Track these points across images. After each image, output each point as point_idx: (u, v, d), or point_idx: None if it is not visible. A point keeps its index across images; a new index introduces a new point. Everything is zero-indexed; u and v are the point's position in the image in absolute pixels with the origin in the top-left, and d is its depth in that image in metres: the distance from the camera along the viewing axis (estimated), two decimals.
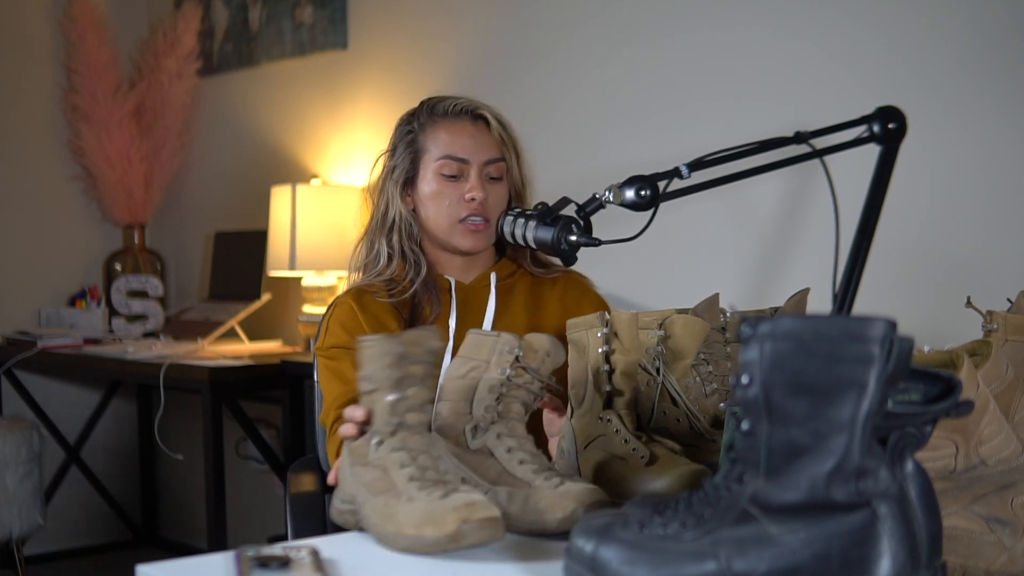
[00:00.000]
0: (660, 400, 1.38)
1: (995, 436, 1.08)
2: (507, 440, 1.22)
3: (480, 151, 1.77)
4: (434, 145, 1.78)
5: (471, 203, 1.74)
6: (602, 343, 1.38)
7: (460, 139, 1.77)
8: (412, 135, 1.80)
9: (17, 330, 3.93)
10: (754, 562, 0.85)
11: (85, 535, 4.22)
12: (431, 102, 1.82)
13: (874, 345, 0.84)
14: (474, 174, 1.76)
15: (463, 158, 1.76)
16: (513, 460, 1.20)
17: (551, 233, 1.55)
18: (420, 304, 1.78)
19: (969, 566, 1.02)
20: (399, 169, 1.80)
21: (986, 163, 2.22)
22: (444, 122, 1.78)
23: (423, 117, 1.81)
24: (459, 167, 1.76)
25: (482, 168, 1.77)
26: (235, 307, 3.67)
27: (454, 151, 1.76)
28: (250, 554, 1.04)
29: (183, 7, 4.13)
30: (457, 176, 1.76)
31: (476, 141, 1.77)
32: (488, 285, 1.81)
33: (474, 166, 1.76)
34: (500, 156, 1.78)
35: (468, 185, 1.76)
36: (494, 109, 1.82)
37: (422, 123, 1.80)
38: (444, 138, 1.77)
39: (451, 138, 1.77)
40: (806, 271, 2.41)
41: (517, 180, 1.81)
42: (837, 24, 2.43)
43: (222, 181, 4.15)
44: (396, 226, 1.80)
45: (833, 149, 1.62)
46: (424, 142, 1.79)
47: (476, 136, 1.78)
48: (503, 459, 1.21)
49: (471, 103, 1.80)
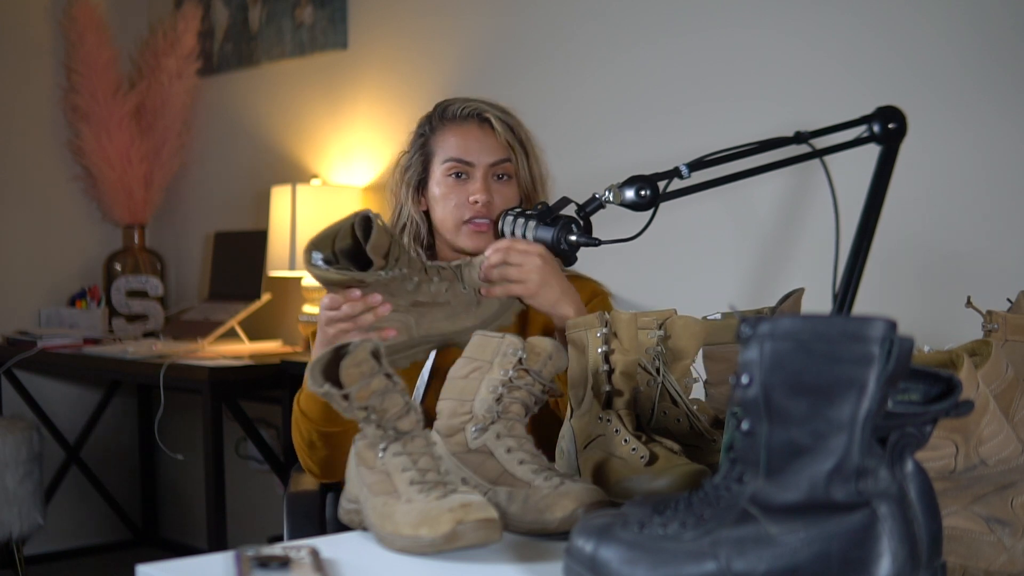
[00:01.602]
0: (660, 400, 1.38)
1: (995, 436, 1.08)
2: (507, 440, 1.22)
3: (485, 153, 1.79)
4: (442, 148, 1.80)
5: (475, 205, 1.76)
6: (601, 343, 1.38)
7: (466, 142, 1.79)
8: (424, 138, 1.84)
9: (17, 330, 3.93)
10: (754, 562, 0.85)
11: (85, 535, 4.22)
12: (442, 105, 1.85)
13: (874, 345, 0.84)
14: (479, 176, 1.77)
15: (468, 160, 1.78)
16: (513, 460, 1.21)
17: (551, 233, 1.55)
18: None
19: (969, 566, 1.02)
20: (411, 172, 1.84)
21: (986, 163, 2.22)
22: (452, 125, 1.81)
23: (435, 121, 1.84)
24: (464, 169, 1.78)
25: (487, 170, 1.78)
26: (235, 307, 3.67)
27: (459, 154, 1.78)
28: (250, 554, 1.04)
29: (183, 7, 4.13)
30: (463, 178, 1.78)
31: (481, 144, 1.79)
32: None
33: (479, 168, 1.78)
34: (506, 157, 1.80)
35: (473, 187, 1.77)
36: (502, 110, 1.83)
37: (433, 126, 1.84)
38: (451, 141, 1.80)
39: (457, 141, 1.79)
40: (806, 271, 2.41)
41: (526, 180, 1.82)
42: (837, 24, 2.43)
43: (222, 181, 4.15)
44: (406, 228, 1.84)
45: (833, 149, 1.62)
46: (434, 145, 1.82)
47: (481, 139, 1.79)
48: (503, 459, 1.21)
49: (478, 106, 1.82)
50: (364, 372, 1.15)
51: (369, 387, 1.15)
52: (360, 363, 1.16)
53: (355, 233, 1.43)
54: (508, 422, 1.24)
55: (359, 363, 1.16)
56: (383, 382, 1.16)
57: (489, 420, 1.25)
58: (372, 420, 1.16)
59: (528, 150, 1.83)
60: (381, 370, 1.17)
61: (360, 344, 1.17)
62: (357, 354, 1.16)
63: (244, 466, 3.95)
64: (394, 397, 1.17)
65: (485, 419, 1.25)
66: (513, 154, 1.80)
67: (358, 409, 1.16)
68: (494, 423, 1.24)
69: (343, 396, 1.16)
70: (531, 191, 1.83)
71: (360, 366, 1.15)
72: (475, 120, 1.81)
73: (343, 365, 1.15)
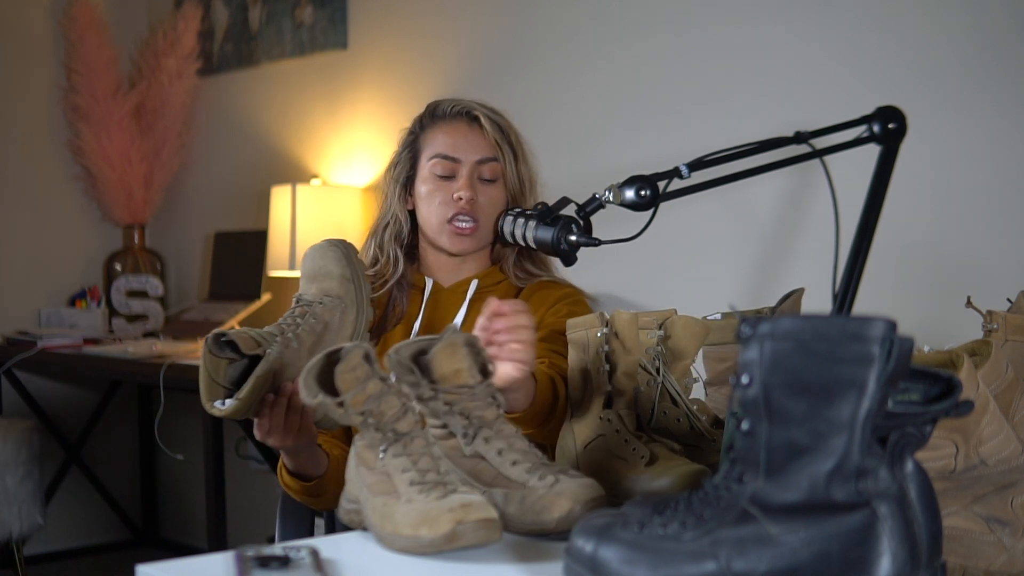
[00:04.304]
0: (660, 400, 1.38)
1: (995, 436, 1.08)
2: (496, 443, 1.21)
3: (472, 151, 1.78)
4: (429, 145, 1.80)
5: (459, 202, 1.75)
6: (602, 343, 1.38)
7: (453, 139, 1.78)
8: (413, 137, 1.84)
9: (17, 330, 3.93)
10: (754, 562, 0.85)
11: (85, 535, 4.22)
12: (432, 105, 1.85)
13: (874, 345, 0.84)
14: (465, 173, 1.77)
15: (454, 157, 1.77)
16: (506, 462, 1.20)
17: (551, 233, 1.55)
18: (392, 302, 1.80)
19: (969, 566, 1.02)
20: (399, 169, 1.83)
21: (986, 163, 2.22)
22: (441, 123, 1.81)
23: (425, 119, 1.84)
24: (451, 166, 1.77)
25: (474, 168, 1.77)
26: (235, 307, 3.67)
27: (445, 150, 1.78)
28: (250, 554, 1.04)
29: (183, 7, 4.13)
30: (449, 176, 1.77)
31: (469, 141, 1.78)
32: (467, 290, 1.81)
33: (465, 166, 1.77)
34: (493, 156, 1.78)
35: (458, 184, 1.76)
36: (492, 110, 1.82)
37: (423, 125, 1.83)
38: (439, 138, 1.79)
39: (445, 138, 1.79)
40: (806, 271, 2.41)
41: (513, 182, 1.80)
42: (837, 24, 2.43)
43: (222, 181, 4.15)
44: (389, 226, 1.83)
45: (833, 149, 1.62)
46: (422, 143, 1.82)
47: (469, 136, 1.79)
48: (496, 462, 1.20)
49: (467, 104, 1.81)
50: (359, 377, 1.15)
51: (364, 392, 1.15)
52: (354, 368, 1.15)
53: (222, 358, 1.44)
54: (493, 425, 1.23)
55: (353, 368, 1.15)
56: (378, 385, 1.16)
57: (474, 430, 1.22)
58: (370, 424, 1.16)
59: (517, 151, 1.81)
60: (375, 374, 1.16)
61: (352, 349, 1.16)
62: (350, 359, 1.15)
63: (244, 466, 3.95)
64: (390, 399, 1.16)
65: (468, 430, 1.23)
66: (501, 154, 1.79)
67: (355, 415, 1.16)
68: (480, 429, 1.22)
69: (338, 404, 1.15)
70: (518, 194, 1.81)
71: (355, 371, 1.15)
72: (464, 118, 1.80)
73: (337, 371, 1.15)
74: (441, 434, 1.25)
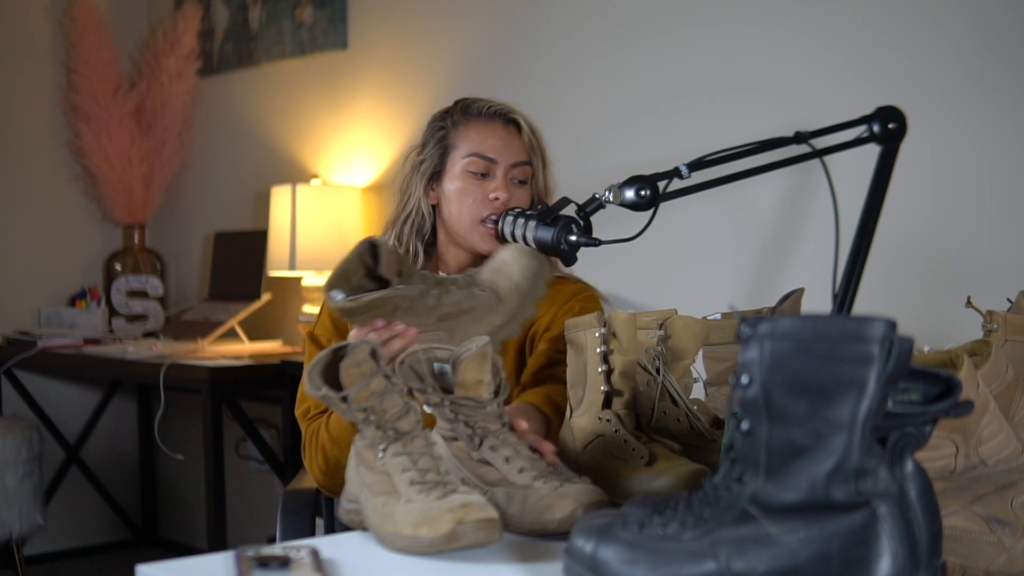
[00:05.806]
0: (660, 400, 1.38)
1: (995, 436, 1.08)
2: (503, 450, 1.22)
3: (509, 153, 1.78)
4: (464, 143, 1.79)
5: (494, 202, 1.76)
6: (600, 343, 1.38)
7: (490, 139, 1.78)
8: (443, 131, 1.82)
9: (17, 330, 3.93)
10: (754, 562, 0.85)
11: (85, 535, 4.22)
12: (465, 102, 1.84)
13: (874, 345, 0.84)
14: (500, 175, 1.77)
15: (491, 157, 1.77)
16: (513, 469, 1.20)
17: (551, 233, 1.55)
18: None
19: (969, 566, 1.02)
20: (427, 163, 1.82)
21: (986, 163, 2.22)
22: (477, 122, 1.80)
23: (456, 115, 1.83)
24: (487, 166, 1.77)
25: (508, 170, 1.78)
26: (235, 307, 3.67)
27: (483, 150, 1.78)
28: (250, 554, 1.04)
29: (183, 7, 4.13)
30: (484, 175, 1.77)
31: (506, 143, 1.79)
32: None
33: (501, 167, 1.77)
34: (527, 160, 1.80)
35: (493, 184, 1.77)
36: (527, 116, 1.83)
37: (455, 121, 1.82)
38: (475, 137, 1.79)
39: (482, 137, 1.79)
40: (806, 271, 2.41)
41: (541, 187, 1.82)
42: (838, 24, 2.43)
43: (222, 181, 4.15)
44: (410, 219, 1.82)
45: (833, 149, 1.62)
46: (454, 139, 1.81)
47: (506, 138, 1.79)
48: (503, 469, 1.21)
49: (505, 107, 1.82)
50: (364, 372, 1.15)
51: (368, 388, 1.15)
52: (360, 363, 1.15)
53: (365, 263, 1.43)
54: (498, 434, 1.23)
55: (359, 363, 1.15)
56: (382, 383, 1.16)
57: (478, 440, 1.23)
58: (371, 421, 1.16)
59: (545, 159, 1.83)
60: (380, 371, 1.16)
61: (359, 345, 1.17)
62: (356, 355, 1.16)
63: (244, 466, 3.95)
64: (393, 398, 1.16)
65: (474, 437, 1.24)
66: (534, 158, 1.81)
67: (357, 411, 1.16)
68: (486, 438, 1.23)
69: (341, 399, 1.15)
70: (543, 197, 1.83)
71: (360, 366, 1.15)
72: (500, 120, 1.81)
73: (343, 366, 1.15)
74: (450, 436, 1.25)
